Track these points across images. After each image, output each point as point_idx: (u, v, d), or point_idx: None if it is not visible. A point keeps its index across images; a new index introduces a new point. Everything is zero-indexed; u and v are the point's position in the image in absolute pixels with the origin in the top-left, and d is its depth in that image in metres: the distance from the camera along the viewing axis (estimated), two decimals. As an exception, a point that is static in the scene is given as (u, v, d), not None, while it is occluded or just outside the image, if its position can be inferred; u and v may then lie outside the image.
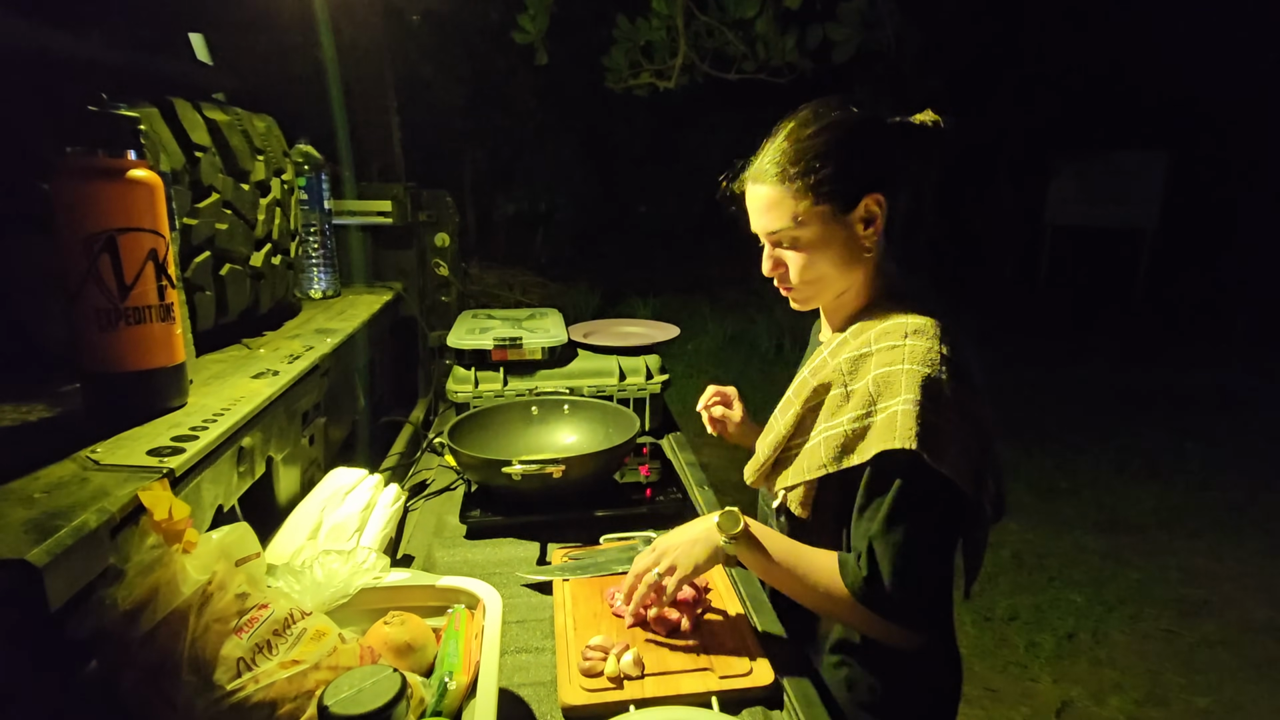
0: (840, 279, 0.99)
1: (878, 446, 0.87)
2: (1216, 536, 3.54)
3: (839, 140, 0.93)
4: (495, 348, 1.68)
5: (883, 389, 0.90)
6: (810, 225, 0.94)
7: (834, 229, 0.95)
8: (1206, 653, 2.71)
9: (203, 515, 0.83)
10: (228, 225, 1.16)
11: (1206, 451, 4.51)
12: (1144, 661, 2.66)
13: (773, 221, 0.97)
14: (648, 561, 0.99)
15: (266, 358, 1.17)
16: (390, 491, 1.19)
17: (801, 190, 0.93)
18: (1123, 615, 2.94)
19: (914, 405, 0.86)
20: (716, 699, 0.88)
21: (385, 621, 0.86)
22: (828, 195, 0.93)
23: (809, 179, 0.92)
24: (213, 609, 0.71)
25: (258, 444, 0.98)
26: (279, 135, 1.41)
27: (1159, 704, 2.45)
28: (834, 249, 0.96)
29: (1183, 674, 2.59)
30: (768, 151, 0.97)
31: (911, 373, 0.87)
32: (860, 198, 0.93)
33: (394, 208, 1.94)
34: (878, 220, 0.95)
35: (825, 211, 0.94)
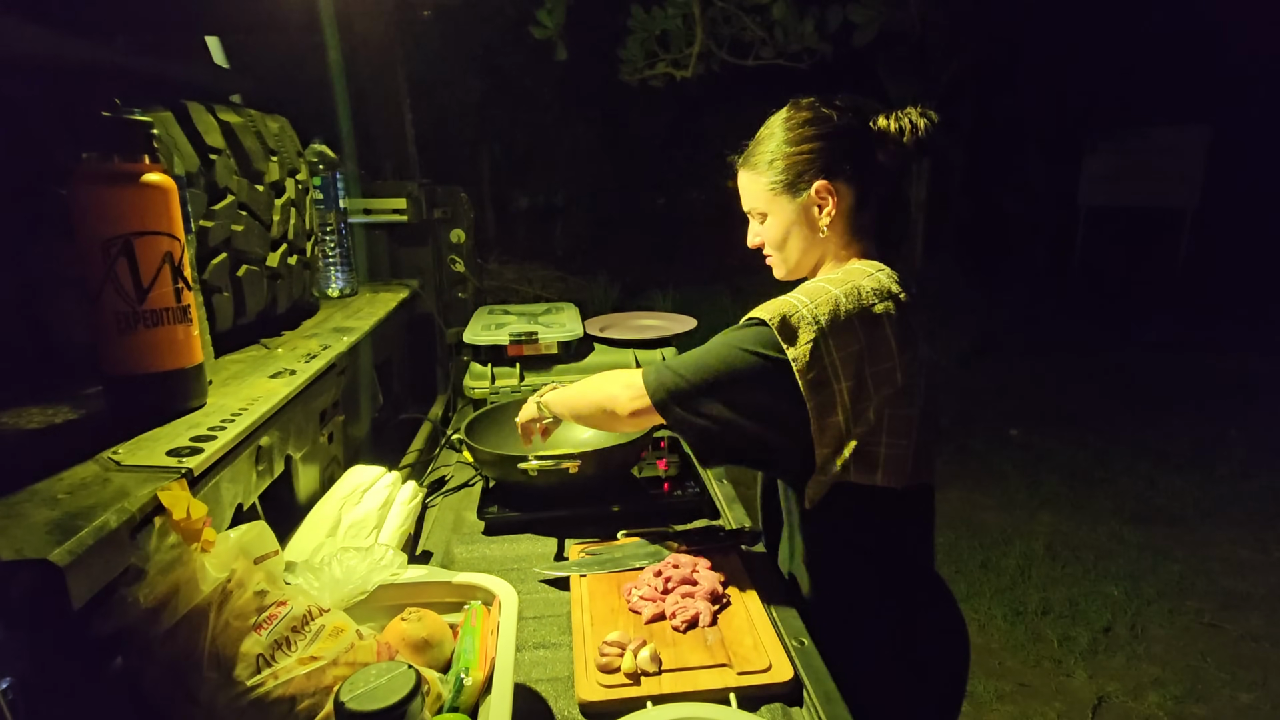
0: (806, 252, 1.12)
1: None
2: (1260, 527, 3.43)
3: (797, 135, 1.07)
4: (511, 343, 1.68)
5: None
6: (771, 205, 1.10)
7: (790, 209, 1.09)
8: (1251, 647, 2.64)
9: (222, 514, 0.84)
10: (243, 226, 1.17)
11: (1249, 439, 4.36)
12: (1184, 656, 2.59)
13: (747, 200, 1.14)
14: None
15: (284, 357, 1.18)
16: (408, 489, 1.20)
17: (763, 176, 1.10)
18: (1162, 608, 2.86)
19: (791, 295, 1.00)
20: (735, 695, 0.87)
21: (403, 618, 0.87)
22: (779, 182, 1.08)
23: (769, 167, 1.09)
24: (232, 606, 0.72)
25: (276, 443, 0.99)
26: (293, 136, 1.42)
27: (1200, 700, 2.39)
28: (793, 226, 1.10)
29: (1226, 669, 2.52)
30: (753, 141, 1.13)
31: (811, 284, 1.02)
32: (807, 185, 1.06)
33: (409, 205, 1.95)
34: (829, 203, 1.06)
35: (779, 194, 1.09)
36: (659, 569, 1.08)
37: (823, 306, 0.98)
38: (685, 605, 1.00)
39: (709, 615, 0.99)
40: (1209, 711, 2.34)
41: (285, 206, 1.30)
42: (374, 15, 1.96)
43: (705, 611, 1.00)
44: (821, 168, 1.06)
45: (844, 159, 1.06)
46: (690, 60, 5.95)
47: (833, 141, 1.07)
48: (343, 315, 1.55)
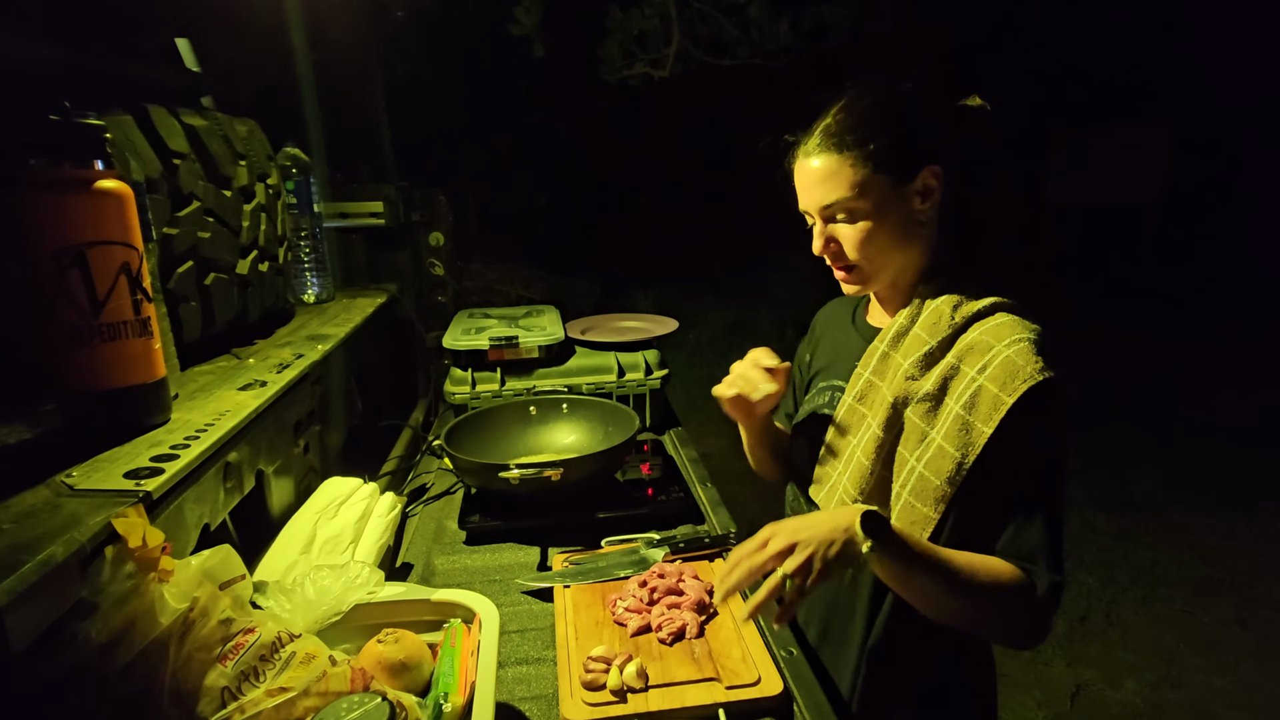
0: (897, 254, 0.96)
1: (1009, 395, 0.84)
2: (1229, 514, 3.49)
3: (897, 110, 0.92)
4: (491, 347, 1.65)
5: (972, 358, 0.89)
6: (868, 195, 0.92)
7: (892, 200, 0.92)
8: (1223, 632, 2.67)
9: (186, 536, 0.80)
10: (211, 233, 1.13)
11: (1215, 428, 4.45)
12: (1159, 643, 2.63)
13: (829, 193, 0.93)
14: (765, 556, 0.81)
15: (255, 368, 1.14)
16: (386, 500, 1.17)
17: (859, 159, 0.91)
18: (1135, 596, 2.90)
19: (1027, 342, 0.86)
20: (724, 711, 0.85)
21: (379, 640, 0.84)
22: (886, 164, 0.91)
23: (867, 147, 0.90)
24: (195, 637, 0.68)
25: (245, 458, 0.96)
26: (262, 139, 1.38)
27: (1175, 685, 2.41)
28: (891, 221, 0.93)
29: (1199, 654, 2.55)
30: (821, 125, 0.94)
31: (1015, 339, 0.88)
32: (918, 169, 0.92)
33: (385, 209, 1.91)
34: (934, 194, 0.93)
35: (883, 181, 0.91)
36: (644, 579, 1.05)
37: None
38: (671, 617, 0.98)
39: (696, 626, 0.97)
40: (1184, 697, 2.37)
41: (255, 212, 1.26)
42: (348, 16, 1.92)
43: (692, 623, 0.97)
44: (930, 149, 0.92)
45: (949, 140, 0.95)
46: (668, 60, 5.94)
47: (937, 121, 0.94)
48: (318, 322, 1.51)
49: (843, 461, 0.99)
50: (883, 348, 0.99)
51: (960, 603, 0.84)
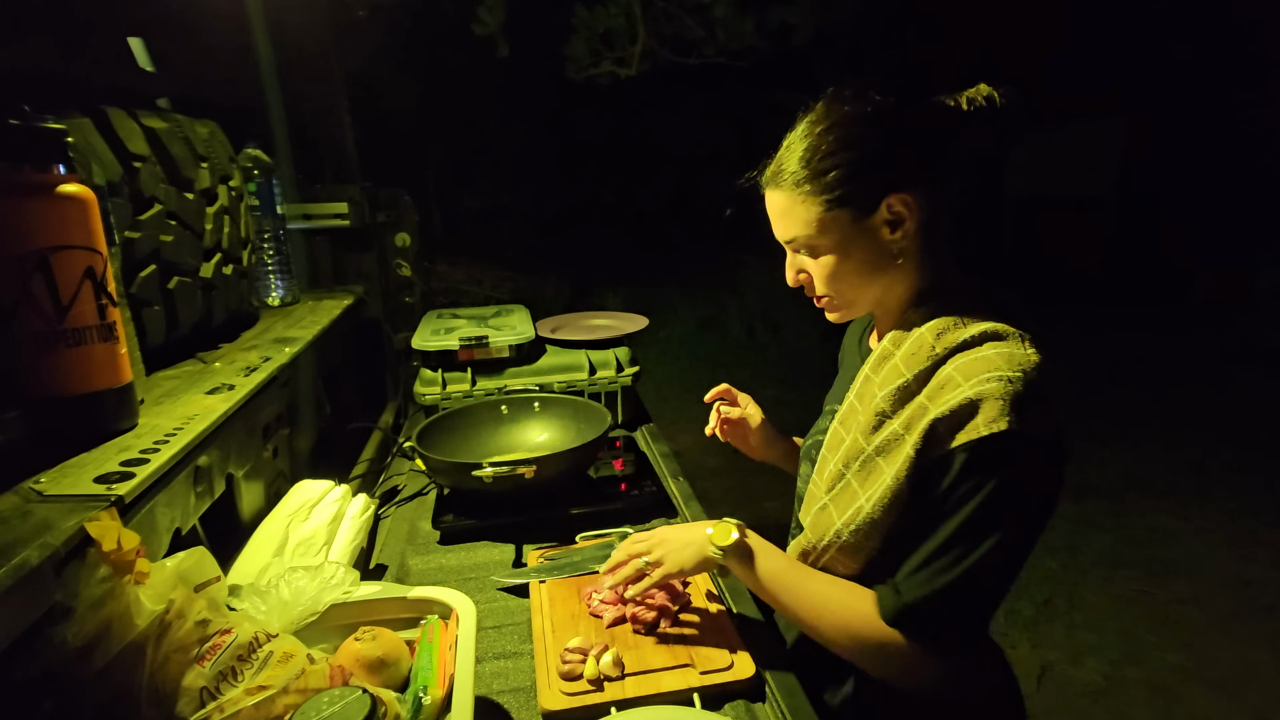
0: (870, 287, 0.89)
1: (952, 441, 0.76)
2: (1182, 497, 3.63)
3: (850, 136, 0.82)
4: (461, 348, 1.65)
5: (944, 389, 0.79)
6: (828, 231, 0.85)
7: (855, 234, 0.84)
8: (1178, 610, 2.78)
9: (158, 540, 0.80)
10: (173, 236, 1.12)
11: (1169, 414, 4.62)
12: (1118, 622, 2.72)
13: (787, 229, 0.88)
14: (640, 548, 0.97)
15: (222, 371, 1.14)
16: (358, 502, 1.17)
17: (813, 195, 0.84)
18: (1096, 578, 3.00)
19: (998, 383, 0.75)
20: (698, 695, 0.87)
21: (356, 638, 0.84)
22: (841, 199, 0.83)
23: (819, 182, 0.83)
24: (171, 639, 0.69)
25: (215, 462, 0.95)
26: (224, 140, 1.37)
27: (1134, 663, 2.50)
28: (857, 257, 0.86)
29: (1156, 632, 2.65)
30: (781, 151, 0.88)
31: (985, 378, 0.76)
32: (880, 200, 0.82)
33: (350, 209, 1.90)
34: (906, 222, 0.83)
35: (841, 217, 0.84)
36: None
37: None
38: (646, 607, 1.00)
39: (670, 617, 0.99)
40: (1142, 674, 2.46)
41: (218, 214, 1.25)
42: (308, 15, 1.90)
43: (668, 612, 0.99)
44: (892, 175, 0.82)
45: (917, 159, 0.83)
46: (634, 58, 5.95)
47: (903, 138, 0.82)
48: (284, 325, 1.50)
49: (824, 485, 0.93)
50: (867, 370, 0.92)
51: (810, 627, 0.87)
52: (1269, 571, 2.99)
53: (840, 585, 0.87)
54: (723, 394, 1.24)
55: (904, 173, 0.83)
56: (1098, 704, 2.34)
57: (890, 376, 0.86)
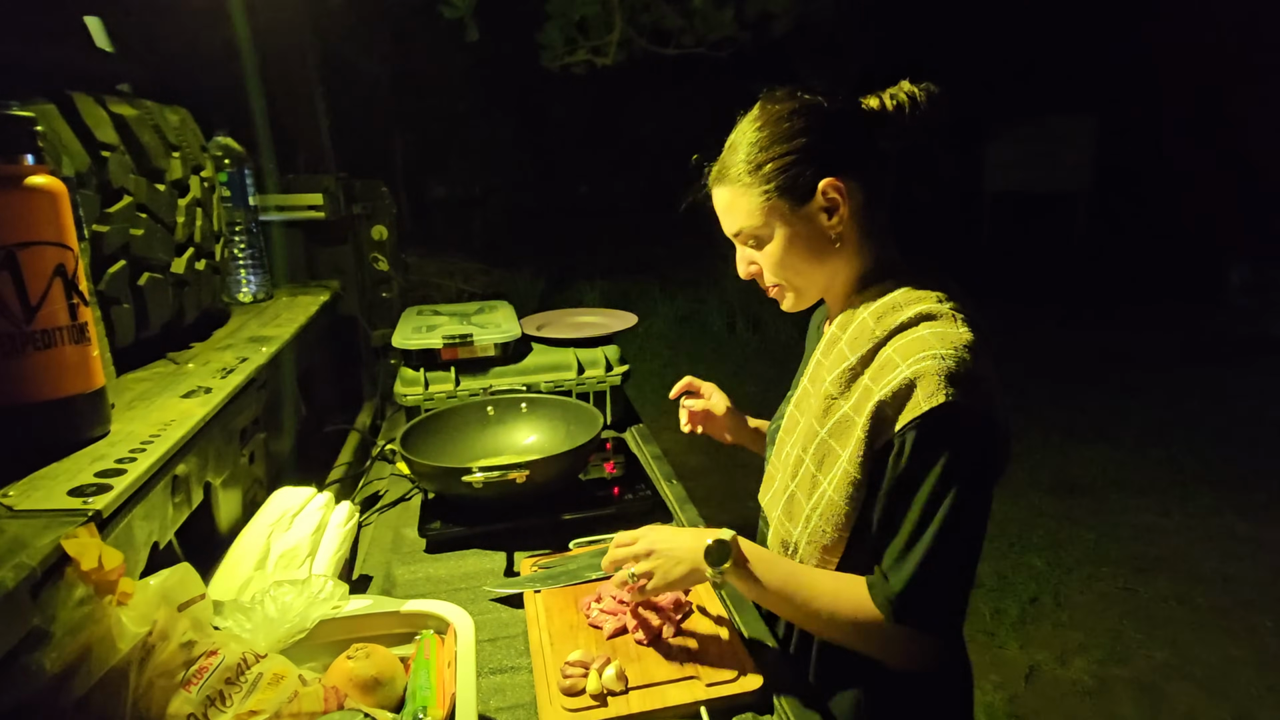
0: (817, 273, 0.94)
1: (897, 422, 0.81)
2: (1162, 494, 3.65)
3: (784, 130, 0.89)
4: (445, 346, 1.60)
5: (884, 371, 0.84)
6: (768, 221, 0.91)
7: (794, 221, 0.90)
8: (1162, 607, 2.81)
9: (136, 556, 0.75)
10: (144, 230, 1.05)
11: (1147, 410, 4.64)
12: (1104, 621, 2.74)
13: (732, 223, 0.94)
14: (626, 553, 0.93)
15: (196, 373, 1.08)
16: (342, 510, 1.12)
17: (753, 187, 0.90)
18: (1081, 576, 3.01)
19: (934, 360, 0.80)
20: (705, 709, 0.85)
21: (348, 656, 0.80)
22: (779, 189, 0.89)
23: (758, 174, 0.89)
24: (155, 663, 0.64)
25: (193, 470, 0.90)
26: (195, 129, 1.30)
27: (1120, 662, 2.53)
28: (799, 244, 0.91)
29: (1141, 630, 2.68)
30: (724, 151, 0.94)
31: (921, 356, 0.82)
32: (814, 186, 0.88)
33: (325, 201, 1.83)
34: (840, 207, 0.89)
35: (780, 205, 0.90)
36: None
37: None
38: (647, 617, 0.97)
39: (672, 626, 0.97)
40: (1129, 672, 2.48)
41: (190, 207, 1.19)
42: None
43: (669, 623, 0.97)
44: (823, 163, 0.88)
45: (846, 149, 0.90)
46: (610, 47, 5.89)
47: (830, 130, 0.90)
48: (258, 323, 1.43)
49: (780, 469, 1.00)
50: (818, 355, 0.98)
51: (822, 627, 0.89)
52: (1248, 567, 3.03)
53: (840, 579, 0.89)
54: (685, 388, 1.28)
55: (834, 161, 0.89)
56: (1085, 703, 2.35)
57: (837, 360, 0.91)
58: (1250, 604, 2.81)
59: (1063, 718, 2.30)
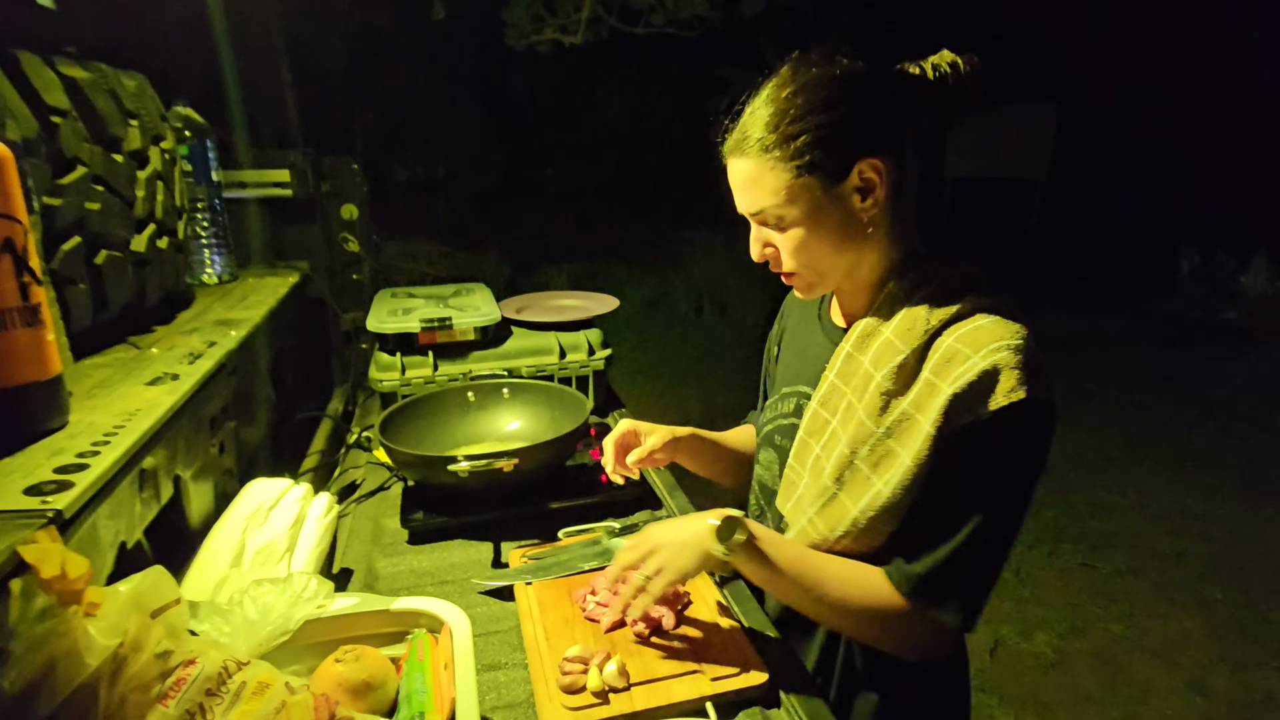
0: (841, 259, 0.86)
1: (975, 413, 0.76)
2: (1118, 472, 3.78)
3: (820, 100, 0.79)
4: (423, 330, 1.54)
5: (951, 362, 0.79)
6: (797, 200, 0.81)
7: (825, 203, 0.81)
8: (1118, 582, 2.91)
9: (102, 558, 0.69)
10: (100, 204, 0.97)
11: (1103, 392, 4.80)
12: (1064, 595, 2.82)
13: (754, 200, 0.84)
14: (632, 558, 0.87)
15: (161, 358, 1.01)
16: (321, 501, 1.07)
17: (782, 160, 0.80)
18: (1042, 552, 3.10)
19: (1013, 353, 0.76)
20: (711, 704, 0.82)
21: (336, 659, 0.75)
22: (811, 165, 0.79)
23: (788, 148, 0.79)
24: (128, 676, 0.59)
25: (162, 463, 0.84)
26: (153, 95, 1.21)
27: (1080, 635, 2.61)
28: (827, 227, 0.82)
29: (1099, 604, 2.77)
30: (745, 118, 0.84)
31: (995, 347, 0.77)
32: (851, 165, 0.80)
33: (293, 177, 1.74)
34: (877, 189, 0.81)
35: (811, 184, 0.80)
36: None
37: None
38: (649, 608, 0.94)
39: (672, 618, 0.94)
40: (1088, 645, 2.56)
41: (150, 180, 1.10)
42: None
43: (668, 614, 0.94)
44: (862, 140, 0.80)
45: (886, 125, 0.82)
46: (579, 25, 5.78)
47: (871, 102, 0.81)
48: (224, 305, 1.36)
49: (809, 473, 0.91)
50: (848, 348, 0.89)
51: (832, 614, 0.86)
52: (1198, 543, 3.16)
53: (856, 566, 0.85)
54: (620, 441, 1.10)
55: (874, 138, 0.81)
56: (1048, 675, 2.42)
57: (885, 353, 0.84)
58: (1202, 578, 2.92)
59: (1027, 690, 2.36)
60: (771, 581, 0.85)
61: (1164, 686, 2.36)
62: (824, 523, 0.87)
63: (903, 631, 0.83)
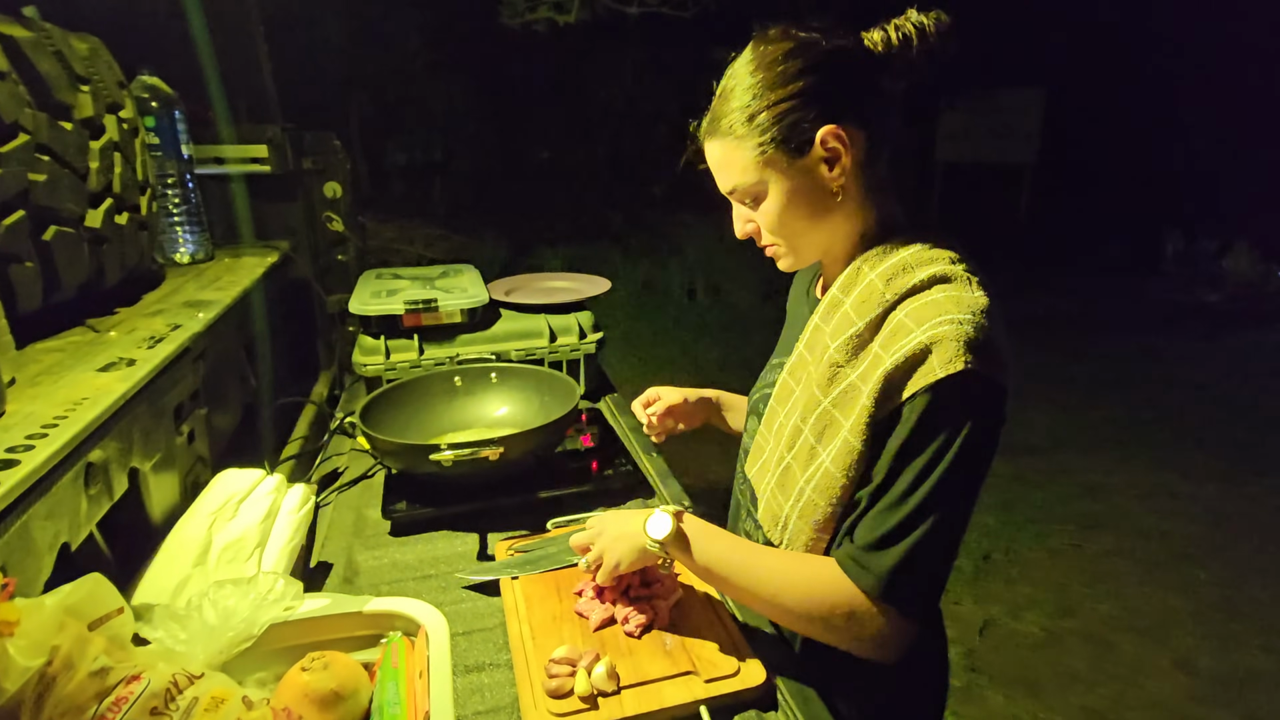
0: (818, 229, 0.86)
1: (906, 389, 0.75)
2: (1105, 453, 3.81)
3: (778, 74, 0.80)
4: (407, 312, 1.47)
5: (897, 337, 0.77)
6: (765, 175, 0.82)
7: (793, 177, 0.82)
8: (1106, 562, 2.92)
9: (38, 564, 0.63)
10: (46, 175, 0.90)
11: (1089, 373, 4.84)
12: (1053, 575, 2.83)
13: (727, 179, 0.86)
14: (582, 541, 0.92)
15: (119, 342, 0.94)
16: (296, 493, 1.00)
17: (746, 140, 0.81)
18: (1031, 534, 3.10)
19: (955, 326, 0.74)
20: (705, 708, 0.77)
21: (303, 667, 0.70)
22: (774, 140, 0.80)
23: (751, 125, 0.80)
24: (58, 699, 0.53)
25: (113, 456, 0.77)
26: (110, 61, 1.13)
27: (1068, 615, 2.61)
28: (798, 199, 0.83)
29: (1087, 584, 2.78)
30: (715, 101, 0.85)
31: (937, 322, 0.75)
32: (813, 135, 0.80)
33: (270, 153, 1.66)
34: (843, 157, 0.80)
35: (777, 159, 0.81)
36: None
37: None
38: (638, 608, 0.88)
39: (665, 615, 0.88)
40: (1077, 624, 2.56)
41: (106, 150, 1.03)
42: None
43: (662, 611, 0.89)
44: (823, 109, 0.79)
45: (847, 92, 0.81)
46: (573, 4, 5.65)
47: (830, 71, 0.80)
48: (196, 286, 1.29)
49: (773, 439, 0.93)
50: (816, 319, 0.90)
51: (770, 610, 0.83)
52: (1183, 523, 3.18)
53: (797, 558, 0.84)
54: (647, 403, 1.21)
55: (835, 106, 0.80)
56: (1038, 654, 2.42)
57: (841, 325, 0.84)
58: (1188, 557, 2.94)
59: (1017, 669, 2.36)
60: (706, 575, 0.85)
61: (1152, 665, 2.36)
62: (781, 493, 0.88)
63: (847, 621, 0.78)
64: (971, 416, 0.74)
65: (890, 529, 0.76)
